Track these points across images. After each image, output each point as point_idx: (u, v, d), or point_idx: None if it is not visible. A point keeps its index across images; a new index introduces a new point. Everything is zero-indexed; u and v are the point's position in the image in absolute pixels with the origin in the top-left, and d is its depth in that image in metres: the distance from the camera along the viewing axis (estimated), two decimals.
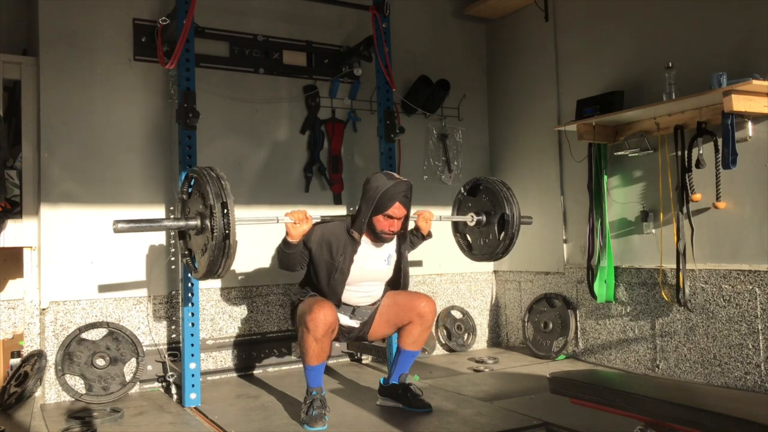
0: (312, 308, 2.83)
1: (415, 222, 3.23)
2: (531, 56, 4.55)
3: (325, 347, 2.87)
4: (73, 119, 3.56)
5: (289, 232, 2.87)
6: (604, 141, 3.85)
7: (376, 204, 2.88)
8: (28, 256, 3.50)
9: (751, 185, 3.22)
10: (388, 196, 2.87)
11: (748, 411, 1.94)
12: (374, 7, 3.81)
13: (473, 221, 3.40)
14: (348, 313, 3.07)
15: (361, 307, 3.09)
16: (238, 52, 4.00)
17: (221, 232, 2.48)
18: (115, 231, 2.52)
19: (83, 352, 3.45)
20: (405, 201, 2.92)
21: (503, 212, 3.27)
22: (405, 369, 3.14)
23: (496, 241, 3.33)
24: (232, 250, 2.51)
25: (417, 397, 3.08)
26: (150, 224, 2.76)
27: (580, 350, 4.12)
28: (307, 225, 2.88)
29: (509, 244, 3.31)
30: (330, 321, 2.83)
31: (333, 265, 2.94)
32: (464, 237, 3.53)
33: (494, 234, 3.34)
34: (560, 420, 2.76)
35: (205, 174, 2.55)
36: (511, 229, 3.26)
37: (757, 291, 3.18)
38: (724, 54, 3.30)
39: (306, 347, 2.86)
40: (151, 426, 2.96)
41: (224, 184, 2.53)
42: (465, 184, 3.52)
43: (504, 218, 3.27)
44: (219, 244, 2.48)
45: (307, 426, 2.81)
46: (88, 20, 3.62)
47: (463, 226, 3.50)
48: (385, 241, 3.01)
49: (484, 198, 3.39)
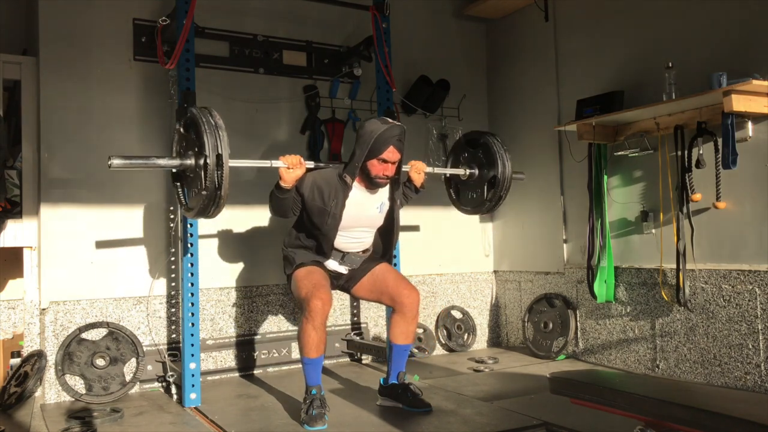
0: (310, 295, 2.85)
1: (408, 174, 3.22)
2: (531, 56, 4.55)
3: (323, 336, 2.89)
4: (73, 119, 3.56)
5: (283, 177, 2.86)
6: (604, 141, 3.85)
7: (370, 148, 2.88)
8: (28, 256, 3.50)
9: (751, 185, 3.22)
10: (383, 140, 2.87)
11: (748, 411, 1.95)
12: (374, 7, 3.80)
13: (466, 175, 3.43)
14: (338, 258, 3.08)
15: (350, 253, 3.09)
16: (238, 52, 4.00)
17: (213, 183, 2.50)
18: (111, 167, 2.54)
19: (83, 352, 3.45)
20: (399, 145, 2.91)
21: (495, 172, 3.30)
22: (401, 366, 3.14)
23: (484, 197, 3.38)
24: (223, 200, 2.55)
25: (417, 396, 3.08)
26: (145, 161, 2.70)
27: (580, 350, 4.12)
28: (300, 170, 2.87)
29: (496, 204, 3.38)
30: (327, 309, 2.87)
31: (325, 211, 2.93)
32: (455, 188, 3.57)
33: (483, 190, 3.38)
34: (560, 420, 2.76)
35: (203, 120, 2.54)
36: (500, 191, 3.32)
37: (757, 291, 3.18)
38: (724, 54, 3.30)
39: (305, 337, 2.88)
40: (151, 426, 2.96)
41: (221, 135, 2.52)
42: (467, 133, 3.56)
43: (495, 178, 3.31)
44: (211, 193, 2.51)
45: (306, 426, 2.80)
46: (88, 20, 3.62)
47: (456, 177, 3.52)
48: (379, 186, 3.00)
49: (481, 153, 3.40)
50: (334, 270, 3.10)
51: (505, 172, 3.30)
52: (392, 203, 3.11)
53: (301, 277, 2.98)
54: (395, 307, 3.10)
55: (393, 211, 3.12)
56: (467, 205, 3.52)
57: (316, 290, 2.87)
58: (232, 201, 3.90)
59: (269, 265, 4.02)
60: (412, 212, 4.45)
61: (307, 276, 2.97)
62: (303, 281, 2.95)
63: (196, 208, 2.62)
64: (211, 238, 3.78)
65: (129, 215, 3.68)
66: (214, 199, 2.54)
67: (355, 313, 4.30)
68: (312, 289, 2.88)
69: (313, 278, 2.94)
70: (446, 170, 3.52)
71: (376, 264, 3.17)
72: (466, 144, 3.49)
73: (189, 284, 3.25)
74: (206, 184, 2.49)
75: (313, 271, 3.00)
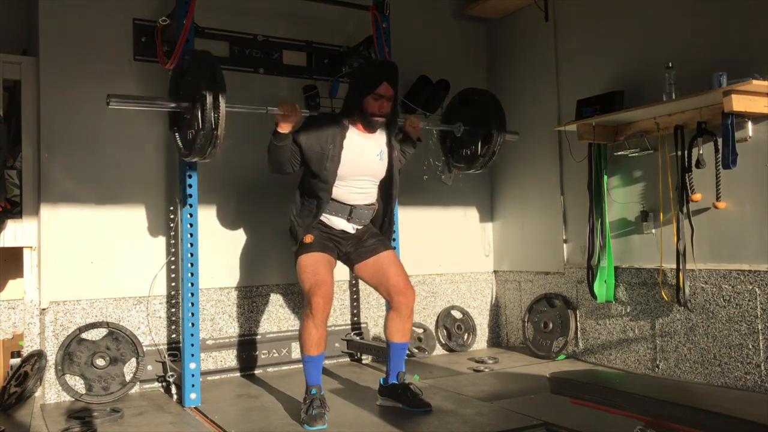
0: (312, 292, 2.87)
1: (403, 128, 3.26)
2: (531, 56, 4.55)
3: (323, 334, 2.92)
4: (73, 119, 3.56)
5: (280, 124, 2.89)
6: (604, 141, 3.85)
7: (364, 85, 2.95)
8: (28, 256, 3.50)
9: (751, 185, 3.22)
10: (375, 76, 2.95)
11: (748, 411, 1.95)
12: (374, 7, 3.81)
13: (460, 132, 3.47)
14: (345, 214, 3.05)
15: (358, 206, 3.07)
16: (238, 52, 4.00)
17: (210, 123, 2.55)
18: (109, 105, 2.64)
19: (83, 352, 3.45)
20: (392, 81, 2.97)
21: (489, 128, 3.36)
22: (400, 365, 3.15)
23: (478, 153, 3.45)
24: (220, 140, 2.60)
25: (417, 396, 3.08)
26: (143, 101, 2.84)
27: (580, 350, 4.12)
28: (296, 117, 2.89)
29: (489, 159, 3.46)
30: (329, 307, 2.91)
31: (323, 155, 2.94)
32: (450, 146, 3.62)
33: (477, 147, 3.44)
34: (560, 420, 2.76)
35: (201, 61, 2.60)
36: (493, 146, 3.39)
37: (757, 291, 3.18)
38: (724, 54, 3.30)
39: (306, 335, 2.91)
40: (151, 426, 2.96)
41: (218, 75, 2.59)
42: (461, 91, 3.63)
43: (489, 134, 3.37)
44: (207, 133, 2.57)
45: (306, 425, 2.81)
46: (88, 20, 3.62)
47: (450, 134, 3.55)
48: (376, 126, 3.03)
49: (475, 110, 3.45)
50: (342, 230, 3.07)
51: (498, 128, 3.35)
52: (390, 150, 3.13)
53: (305, 266, 2.97)
54: (391, 304, 3.12)
55: (392, 161, 3.12)
56: (461, 162, 3.57)
57: (319, 287, 2.89)
58: (233, 201, 3.94)
59: (269, 265, 4.02)
60: (413, 212, 4.46)
61: (311, 267, 2.96)
62: (307, 273, 2.95)
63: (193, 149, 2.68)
64: (212, 238, 3.78)
65: (129, 215, 3.68)
66: (211, 138, 2.59)
67: (355, 313, 4.30)
68: (314, 285, 2.90)
69: (318, 271, 2.94)
70: (441, 126, 3.56)
71: (384, 248, 3.14)
72: (461, 102, 3.54)
73: (189, 284, 3.25)
74: (203, 124, 2.55)
75: (317, 261, 2.97)
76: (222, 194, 3.92)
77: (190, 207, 3.27)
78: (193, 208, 3.28)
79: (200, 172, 3.37)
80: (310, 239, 3.00)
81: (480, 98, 3.45)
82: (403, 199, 4.07)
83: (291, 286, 4.08)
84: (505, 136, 3.39)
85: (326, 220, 3.06)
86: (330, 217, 3.06)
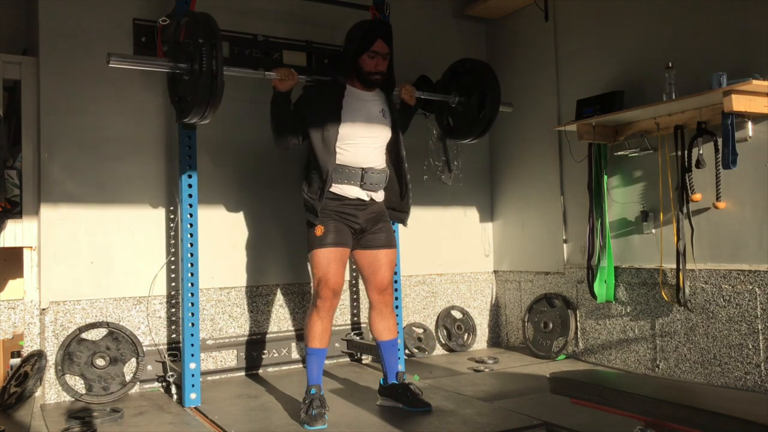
0: (321, 286, 2.93)
1: (399, 95, 3.29)
2: (531, 56, 4.55)
3: (328, 327, 2.98)
4: (73, 119, 3.56)
5: (277, 87, 2.95)
6: (604, 141, 3.85)
7: (358, 43, 2.97)
8: (28, 256, 3.50)
9: (751, 185, 3.22)
10: (370, 33, 2.97)
11: (748, 411, 1.94)
12: (374, 7, 3.81)
13: (455, 102, 3.52)
14: (357, 180, 2.99)
15: (369, 170, 3.00)
16: (238, 52, 3.99)
17: (210, 71, 2.59)
18: (109, 63, 2.71)
19: (83, 352, 3.45)
20: (386, 38, 2.99)
21: (483, 93, 3.42)
22: (396, 364, 3.17)
23: (476, 118, 3.49)
24: (219, 90, 2.63)
25: (417, 396, 3.08)
26: (143, 61, 2.94)
27: (580, 350, 4.12)
28: (292, 80, 2.95)
29: (488, 124, 3.49)
30: (336, 302, 2.98)
31: (324, 116, 2.95)
32: (446, 120, 3.67)
33: (474, 114, 3.50)
34: (560, 420, 2.76)
35: (198, 18, 2.68)
36: (489, 111, 3.42)
37: (757, 291, 3.18)
38: (724, 54, 3.30)
39: (310, 326, 2.98)
40: (151, 426, 2.96)
41: (215, 27, 2.66)
42: (452, 64, 3.67)
43: (484, 99, 3.42)
44: (207, 83, 2.60)
45: (307, 425, 2.81)
46: (88, 20, 3.62)
47: (446, 106, 3.58)
48: (374, 84, 3.05)
49: (468, 79, 3.50)
50: (357, 198, 3.02)
51: (493, 92, 3.41)
52: (392, 109, 3.15)
53: (318, 261, 2.96)
54: (371, 302, 3.19)
55: (395, 122, 3.13)
56: (460, 131, 3.63)
57: (327, 281, 2.93)
58: (233, 201, 3.94)
59: (269, 265, 4.02)
60: (413, 212, 4.44)
61: (324, 262, 2.95)
62: (319, 267, 2.95)
63: (194, 107, 2.72)
64: (211, 238, 3.78)
65: (129, 215, 3.68)
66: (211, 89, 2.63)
67: (355, 313, 4.30)
68: (323, 278, 2.93)
69: (329, 268, 2.95)
70: (436, 96, 3.59)
71: (387, 246, 3.11)
72: (452, 75, 3.60)
73: (189, 284, 3.25)
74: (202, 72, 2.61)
75: (331, 259, 2.95)
76: (222, 194, 3.91)
77: (190, 207, 3.27)
78: (193, 208, 3.28)
79: (200, 172, 3.38)
80: (321, 231, 2.96)
81: (472, 66, 3.50)
82: None
83: (291, 286, 4.08)
84: (499, 100, 3.44)
85: (338, 190, 2.99)
86: (342, 186, 2.99)
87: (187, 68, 2.76)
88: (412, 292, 4.50)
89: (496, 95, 3.44)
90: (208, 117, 2.77)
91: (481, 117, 3.44)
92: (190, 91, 2.75)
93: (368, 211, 3.07)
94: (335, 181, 2.97)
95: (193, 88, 2.72)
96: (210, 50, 2.61)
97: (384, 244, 3.12)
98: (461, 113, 3.56)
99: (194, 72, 2.70)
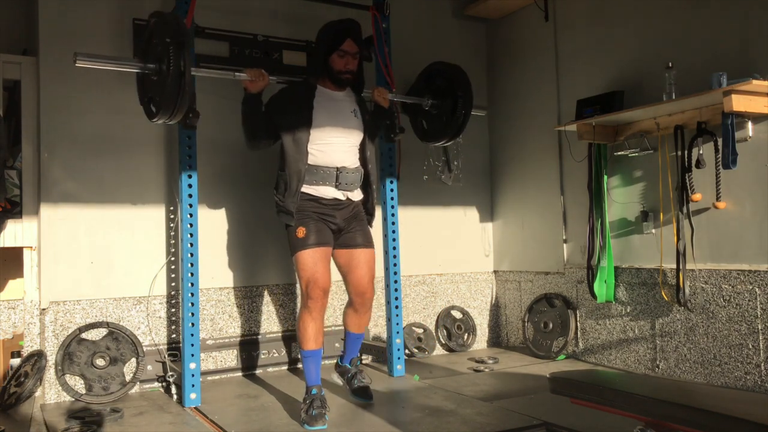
0: (309, 287, 2.95)
1: (372, 97, 3.34)
2: (531, 56, 4.55)
3: (320, 327, 3.01)
4: (73, 119, 3.56)
5: (248, 88, 3.00)
6: (604, 141, 3.85)
7: (327, 42, 3.02)
8: (28, 256, 3.50)
9: (751, 185, 3.22)
10: (339, 33, 3.02)
11: (748, 411, 1.94)
12: (374, 7, 3.81)
13: (428, 105, 3.57)
14: (332, 181, 3.03)
15: (344, 169, 3.04)
16: (238, 52, 4.00)
17: (177, 70, 2.60)
18: (75, 63, 2.69)
19: (83, 352, 3.45)
20: (355, 37, 3.05)
21: (455, 94, 3.46)
22: (355, 352, 3.32)
23: (448, 123, 3.52)
24: (188, 87, 2.63)
25: (361, 386, 3.21)
26: (111, 61, 2.88)
27: (580, 350, 4.12)
28: (263, 82, 2.98)
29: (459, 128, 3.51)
30: (326, 302, 3.01)
31: (295, 117, 2.99)
32: (420, 120, 3.69)
33: (448, 114, 3.52)
34: (560, 420, 2.76)
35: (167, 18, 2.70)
36: (461, 114, 3.45)
37: (757, 291, 3.18)
38: (724, 54, 3.30)
39: (303, 329, 2.99)
40: (151, 426, 2.96)
41: (182, 27, 2.67)
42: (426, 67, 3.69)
43: (456, 99, 3.45)
44: (174, 83, 2.60)
45: (307, 425, 2.81)
46: (88, 20, 3.62)
47: (420, 109, 3.62)
48: (345, 84, 3.09)
49: (440, 82, 3.55)
50: (333, 198, 3.06)
51: (465, 94, 3.44)
52: (363, 109, 3.20)
53: (305, 260, 2.98)
54: (349, 298, 3.23)
55: (365, 122, 3.16)
56: (432, 135, 3.65)
57: (316, 281, 2.95)
58: (233, 201, 3.94)
59: (269, 265, 4.02)
60: (413, 212, 4.46)
61: (310, 263, 2.97)
62: (306, 268, 2.98)
63: (160, 112, 2.74)
64: (211, 238, 3.78)
65: (129, 215, 3.68)
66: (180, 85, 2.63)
67: None
68: (311, 279, 2.95)
69: (316, 268, 2.97)
70: (409, 98, 3.63)
71: (364, 245, 3.16)
72: (426, 78, 3.63)
73: (189, 284, 3.25)
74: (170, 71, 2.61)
75: (316, 259, 2.98)
76: (222, 194, 3.91)
77: (190, 207, 3.27)
78: (193, 208, 3.28)
79: (200, 172, 3.38)
80: (303, 232, 3.00)
81: (444, 70, 3.54)
82: (403, 198, 4.07)
83: (291, 286, 4.08)
84: (472, 101, 3.47)
85: (314, 191, 3.04)
86: (317, 187, 3.04)
87: (156, 68, 2.76)
88: (412, 292, 4.50)
89: (469, 97, 3.47)
90: (176, 116, 2.78)
91: (454, 119, 3.48)
92: (158, 92, 2.77)
93: (345, 210, 3.12)
94: (309, 183, 3.02)
95: (161, 89, 2.73)
96: (177, 50, 2.62)
97: (361, 243, 3.16)
98: (435, 116, 3.60)
99: (162, 72, 2.71)
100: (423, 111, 3.64)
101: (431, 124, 3.66)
